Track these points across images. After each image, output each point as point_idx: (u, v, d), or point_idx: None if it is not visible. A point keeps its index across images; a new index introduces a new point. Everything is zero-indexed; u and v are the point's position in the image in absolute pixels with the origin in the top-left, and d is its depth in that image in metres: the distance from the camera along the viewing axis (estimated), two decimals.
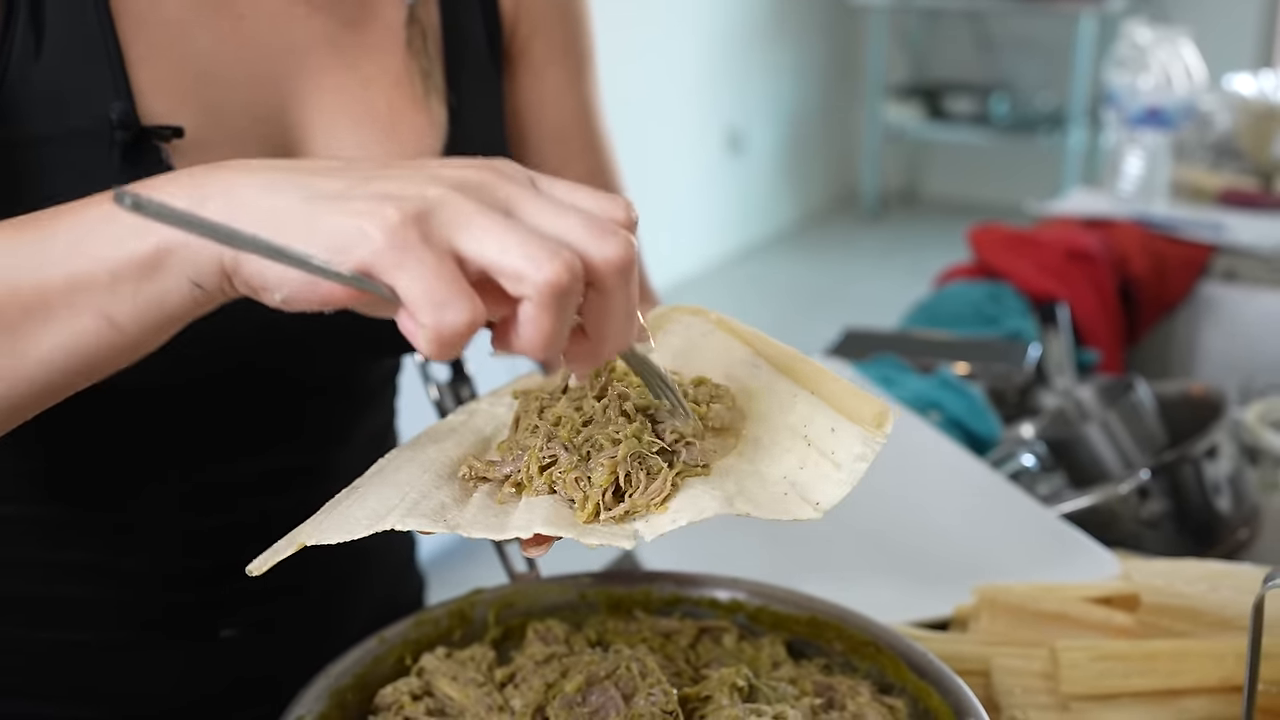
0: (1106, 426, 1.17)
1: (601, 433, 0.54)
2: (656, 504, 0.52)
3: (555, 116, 0.86)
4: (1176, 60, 2.08)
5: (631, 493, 0.52)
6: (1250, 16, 5.23)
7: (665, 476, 0.52)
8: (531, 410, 0.58)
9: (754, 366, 0.60)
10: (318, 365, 0.80)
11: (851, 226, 5.86)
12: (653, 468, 0.53)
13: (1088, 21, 5.08)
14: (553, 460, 0.54)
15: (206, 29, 0.70)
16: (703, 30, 4.97)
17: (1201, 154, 2.30)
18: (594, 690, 0.65)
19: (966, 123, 5.62)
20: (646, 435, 0.54)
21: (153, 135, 0.67)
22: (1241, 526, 1.08)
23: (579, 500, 0.52)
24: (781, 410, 0.57)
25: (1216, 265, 1.87)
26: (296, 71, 0.74)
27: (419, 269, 0.43)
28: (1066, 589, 0.83)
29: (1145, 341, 1.85)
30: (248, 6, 0.72)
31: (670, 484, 0.52)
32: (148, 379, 0.72)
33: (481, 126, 0.81)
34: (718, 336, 0.63)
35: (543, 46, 0.85)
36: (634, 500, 0.52)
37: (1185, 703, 0.75)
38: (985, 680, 0.78)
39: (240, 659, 0.83)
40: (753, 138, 5.43)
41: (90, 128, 0.66)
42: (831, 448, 0.54)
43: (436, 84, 0.78)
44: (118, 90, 0.66)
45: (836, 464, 0.54)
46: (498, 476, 0.55)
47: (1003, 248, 1.69)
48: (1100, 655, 0.76)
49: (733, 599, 0.74)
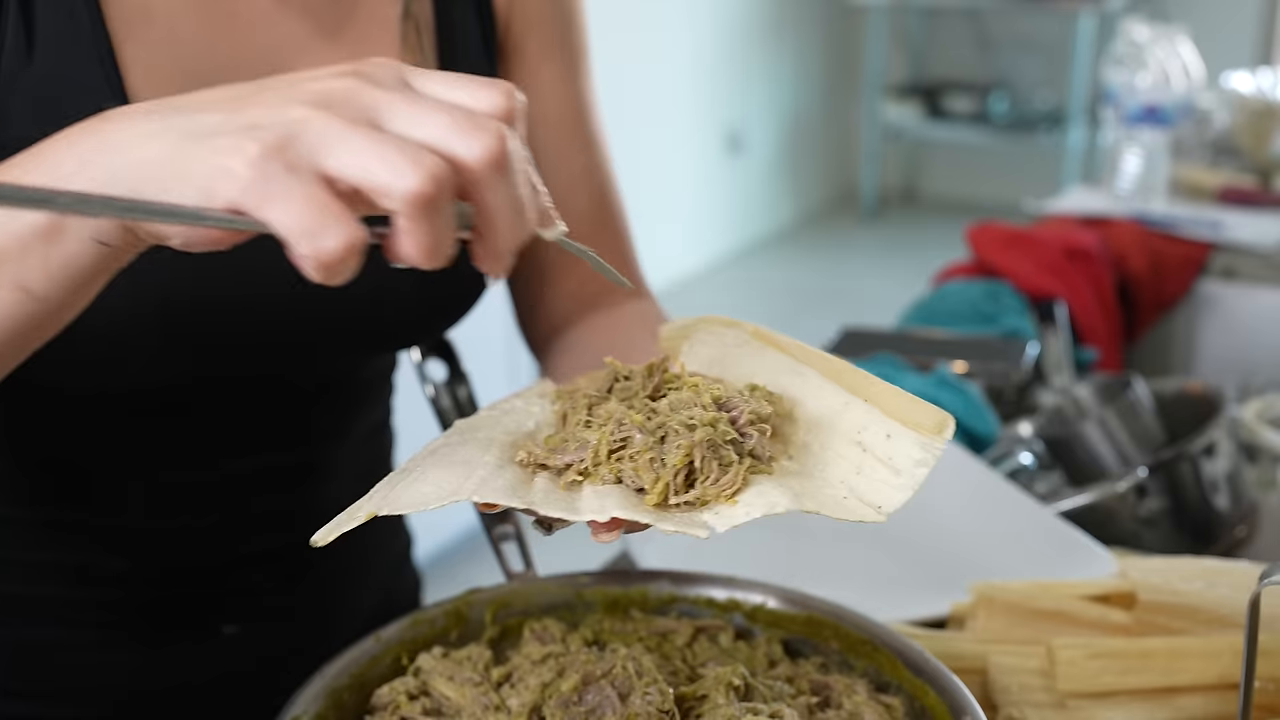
0: (1104, 424, 1.17)
1: (675, 419, 0.54)
2: (727, 496, 0.51)
3: (551, 112, 0.86)
4: (1174, 58, 2.08)
5: (704, 481, 0.52)
6: (1249, 14, 5.23)
7: (737, 470, 0.52)
8: (580, 407, 0.58)
9: (798, 374, 0.59)
10: (316, 364, 0.80)
11: (851, 226, 5.86)
12: (725, 459, 0.52)
13: (1087, 20, 5.08)
14: (623, 444, 0.54)
15: (199, 27, 0.70)
16: (701, 30, 4.97)
17: (1200, 152, 2.30)
18: (590, 689, 0.65)
19: (966, 122, 5.62)
20: (722, 425, 0.54)
21: None
22: (1239, 524, 1.08)
23: (649, 482, 0.52)
24: (833, 417, 0.57)
25: (1215, 263, 1.86)
26: (290, 68, 0.73)
27: (286, 200, 0.43)
28: (1063, 587, 0.83)
29: (1144, 339, 1.85)
30: (241, 4, 0.72)
31: (742, 478, 0.52)
32: (146, 381, 0.73)
33: None
34: (753, 346, 0.62)
35: (537, 43, 0.85)
36: (705, 489, 0.52)
37: (1182, 700, 0.75)
38: (982, 678, 0.78)
39: (238, 657, 0.83)
40: (752, 137, 5.43)
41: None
42: (889, 454, 0.54)
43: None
44: (112, 91, 0.66)
45: (895, 470, 0.53)
46: (558, 464, 0.55)
47: (1001, 246, 1.69)
48: (1097, 653, 0.76)
49: (729, 598, 0.74)
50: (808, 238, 5.68)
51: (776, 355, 0.60)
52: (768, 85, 5.50)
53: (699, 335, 0.64)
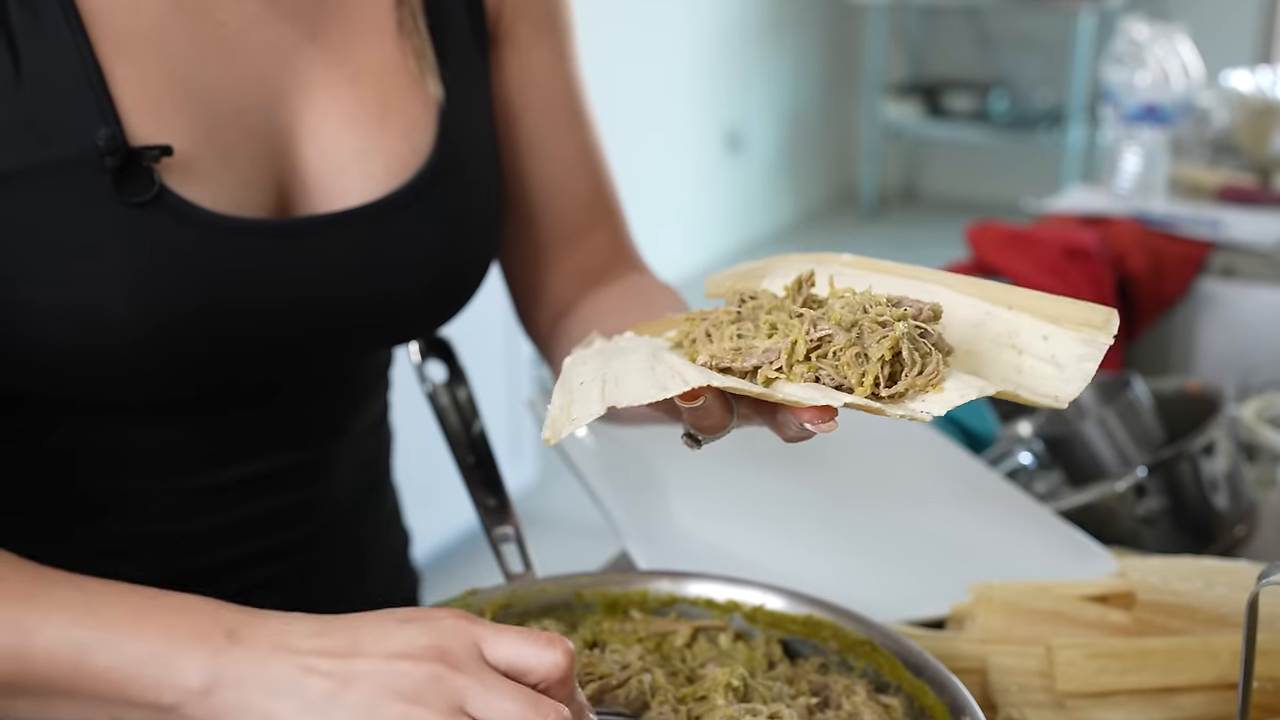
0: (1103, 424, 1.17)
1: (865, 318, 0.53)
2: (934, 385, 0.51)
3: (544, 96, 0.86)
4: (1173, 57, 2.08)
5: (910, 372, 0.52)
6: (1249, 13, 5.23)
7: (938, 358, 0.52)
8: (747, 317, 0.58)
9: (926, 292, 0.58)
10: (316, 364, 0.80)
11: (851, 225, 5.86)
12: (924, 350, 0.52)
13: (1087, 18, 5.08)
14: (820, 343, 0.54)
15: (188, 40, 0.70)
16: (701, 30, 4.97)
17: (1199, 150, 2.30)
18: (604, 702, 0.65)
19: (966, 120, 5.62)
20: (911, 320, 0.53)
21: (142, 157, 0.66)
22: (1239, 523, 1.08)
23: (856, 378, 0.52)
24: (977, 328, 0.56)
25: (1214, 262, 1.86)
26: (282, 72, 0.73)
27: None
28: (1062, 587, 0.83)
29: (1144, 338, 1.85)
30: (227, 12, 0.71)
31: (943, 365, 0.52)
32: (149, 393, 0.73)
33: (469, 108, 0.81)
34: (853, 273, 0.61)
35: (527, 27, 0.85)
36: (912, 379, 0.52)
37: (1181, 700, 0.75)
38: (982, 678, 0.78)
39: None
40: (752, 136, 5.43)
41: (78, 155, 0.65)
42: (1050, 352, 0.53)
43: (431, 62, 0.78)
44: (104, 115, 0.66)
45: (1059, 365, 0.53)
46: (744, 368, 0.55)
47: (1000, 246, 1.69)
48: (1096, 653, 0.76)
49: (728, 598, 0.74)
50: (808, 237, 5.68)
51: (889, 279, 0.60)
52: (768, 84, 5.50)
53: (778, 272, 0.63)
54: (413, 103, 0.77)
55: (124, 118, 0.67)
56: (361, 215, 0.75)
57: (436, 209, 0.77)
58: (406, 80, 0.78)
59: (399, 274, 0.77)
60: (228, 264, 0.70)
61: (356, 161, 0.75)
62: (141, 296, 0.67)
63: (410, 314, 0.80)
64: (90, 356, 0.68)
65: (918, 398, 0.52)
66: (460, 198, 0.79)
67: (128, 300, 0.67)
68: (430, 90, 0.78)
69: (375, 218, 0.75)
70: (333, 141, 0.75)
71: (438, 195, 0.77)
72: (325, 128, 0.75)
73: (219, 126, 0.70)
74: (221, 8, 0.71)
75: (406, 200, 0.76)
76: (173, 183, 0.68)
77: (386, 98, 0.77)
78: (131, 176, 0.66)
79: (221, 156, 0.70)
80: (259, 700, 0.54)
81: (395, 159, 0.76)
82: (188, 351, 0.70)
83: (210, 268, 0.69)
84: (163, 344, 0.69)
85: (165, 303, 0.68)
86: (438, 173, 0.77)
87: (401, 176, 0.76)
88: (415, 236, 0.77)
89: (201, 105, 0.70)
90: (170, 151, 0.67)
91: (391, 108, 0.77)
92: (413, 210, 0.76)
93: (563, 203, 0.88)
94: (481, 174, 0.81)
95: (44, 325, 0.67)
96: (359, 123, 0.75)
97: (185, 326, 0.69)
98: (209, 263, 0.69)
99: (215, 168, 0.70)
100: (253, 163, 0.72)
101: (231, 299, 0.71)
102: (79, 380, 0.70)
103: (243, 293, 0.71)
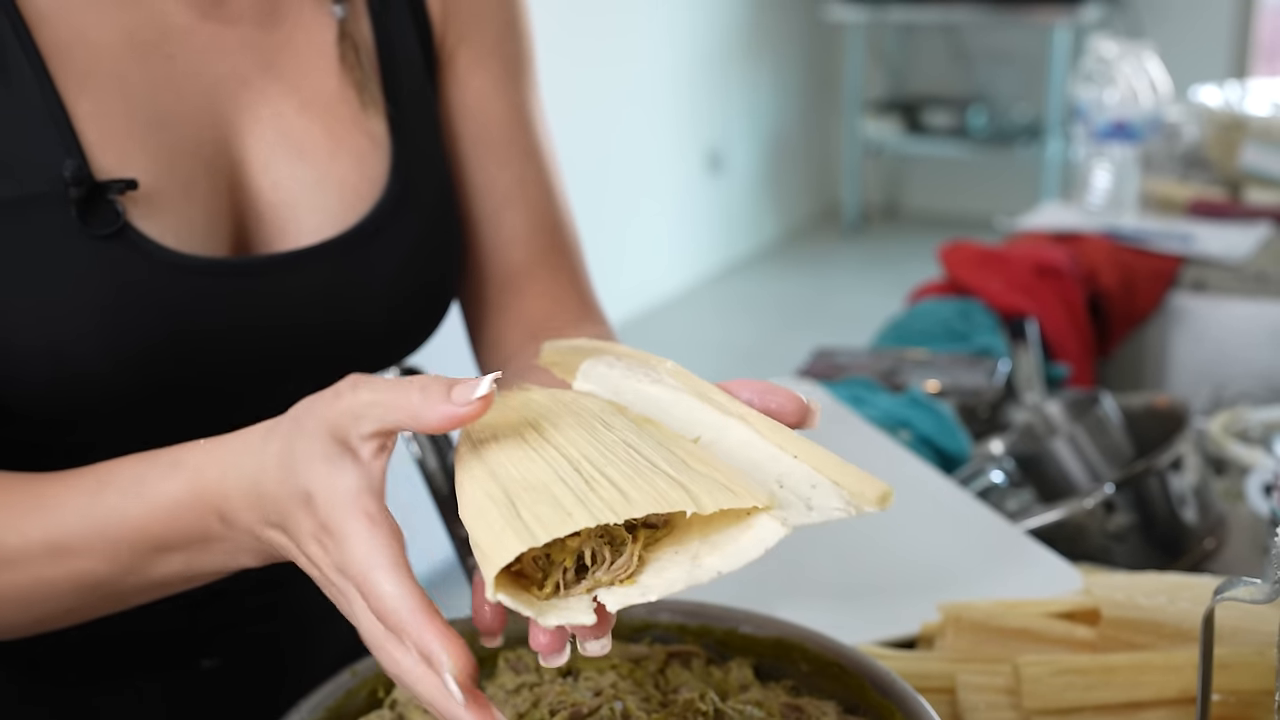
0: (1073, 441, 1.19)
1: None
2: (622, 580, 0.50)
3: (481, 122, 0.84)
4: (1142, 74, 2.11)
5: (595, 570, 0.50)
6: (1223, 29, 5.28)
7: (631, 551, 0.50)
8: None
9: (724, 424, 0.55)
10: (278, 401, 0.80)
11: (833, 242, 5.89)
12: (617, 538, 0.51)
13: (1062, 33, 5.12)
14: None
15: (141, 75, 0.71)
16: (680, 50, 5.00)
17: (1170, 166, 2.33)
18: None
19: (945, 136, 5.66)
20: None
21: (107, 189, 0.67)
22: (1208, 536, 1.09)
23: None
24: (755, 464, 0.53)
25: (1185, 276, 1.88)
26: (232, 104, 0.74)
27: None
28: (1029, 605, 0.85)
29: (1117, 354, 1.87)
30: (177, 45, 0.72)
31: (636, 558, 0.51)
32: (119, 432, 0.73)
33: (422, 137, 0.80)
34: (668, 386, 0.58)
35: (469, 52, 0.83)
36: (597, 578, 0.50)
37: (1145, 715, 0.76)
38: (951, 697, 0.79)
39: (221, 690, 0.84)
40: (733, 156, 5.46)
41: (44, 190, 0.67)
42: (807, 495, 0.52)
43: (374, 96, 0.78)
44: (68, 149, 0.67)
45: (810, 507, 0.51)
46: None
47: (972, 265, 1.71)
48: (1061, 670, 0.77)
49: (701, 624, 0.75)
50: (791, 255, 5.71)
51: (695, 403, 0.57)
52: (747, 104, 5.54)
53: (608, 356, 0.61)
54: (362, 134, 0.78)
55: (88, 151, 0.68)
56: (324, 251, 0.76)
57: (397, 240, 0.78)
58: (358, 110, 0.78)
59: (363, 306, 0.78)
60: (192, 301, 0.71)
61: (309, 194, 0.76)
62: (108, 331, 0.68)
63: (375, 344, 0.81)
64: (61, 392, 0.69)
65: (610, 590, 0.50)
66: (419, 227, 0.79)
67: (96, 335, 0.68)
68: (372, 125, 0.78)
69: (338, 252, 0.76)
70: (284, 174, 0.75)
71: (397, 227, 0.78)
72: (275, 160, 0.75)
73: (177, 160, 0.71)
74: (170, 42, 0.72)
75: (367, 234, 0.77)
76: (135, 217, 0.69)
77: (335, 129, 0.77)
78: (96, 210, 0.67)
79: (181, 190, 0.71)
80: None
81: (349, 190, 0.77)
82: (155, 386, 0.71)
83: (174, 304, 0.70)
84: (131, 379, 0.70)
85: (132, 337, 0.69)
86: (395, 204, 0.77)
87: (357, 208, 0.77)
88: (376, 269, 0.77)
89: (159, 140, 0.71)
90: (135, 185, 0.68)
91: (341, 143, 0.77)
92: (374, 243, 0.77)
93: (496, 240, 0.85)
94: (438, 202, 0.81)
95: (16, 363, 0.67)
96: (308, 155, 0.76)
97: (152, 362, 0.70)
98: (173, 299, 0.70)
99: (175, 201, 0.71)
100: (211, 196, 0.73)
101: (196, 334, 0.71)
102: (50, 418, 0.70)
103: (208, 329, 0.72)
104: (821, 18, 5.76)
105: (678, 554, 0.51)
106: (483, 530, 0.50)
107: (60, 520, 0.61)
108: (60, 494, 0.62)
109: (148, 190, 0.69)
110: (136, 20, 0.71)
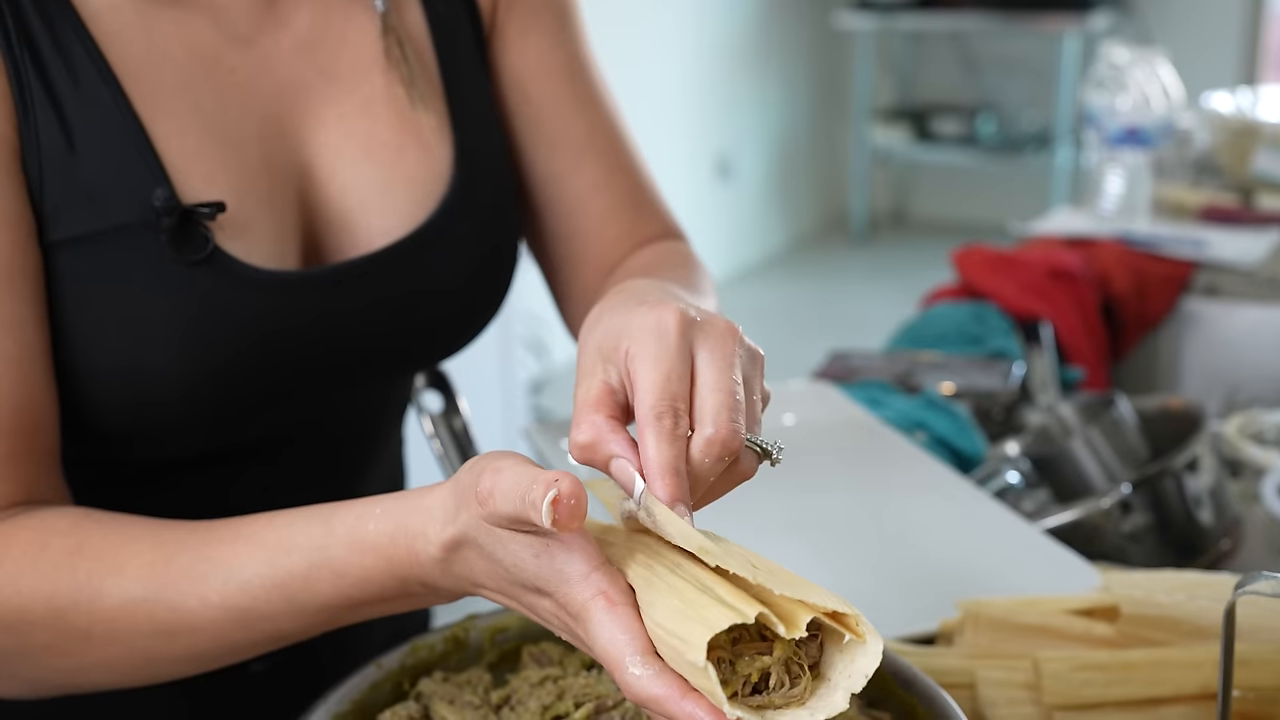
0: (1089, 442, 1.19)
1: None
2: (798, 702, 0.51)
3: (544, 80, 0.84)
4: (1154, 80, 2.11)
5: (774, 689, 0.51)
6: (1231, 36, 5.28)
7: (805, 680, 0.52)
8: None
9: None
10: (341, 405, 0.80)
11: (842, 249, 5.89)
12: (793, 672, 0.52)
13: (1071, 41, 5.13)
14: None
15: (210, 90, 0.70)
16: (689, 58, 5.01)
17: (1182, 171, 2.33)
18: (601, 718, 0.67)
19: (954, 144, 5.66)
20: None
21: (196, 215, 0.66)
22: (1223, 537, 1.10)
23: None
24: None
25: (1198, 281, 1.89)
26: (295, 112, 0.74)
27: None
28: (1048, 602, 0.85)
29: (1130, 358, 1.87)
30: (237, 57, 0.72)
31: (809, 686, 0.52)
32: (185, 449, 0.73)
33: (479, 123, 0.80)
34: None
35: (521, 17, 0.83)
36: (771, 699, 0.51)
37: (1164, 711, 0.77)
38: (971, 693, 0.79)
39: (265, 695, 0.84)
40: (741, 163, 5.46)
41: (136, 219, 0.65)
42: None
43: (421, 91, 0.77)
44: (156, 177, 0.66)
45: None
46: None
47: (986, 268, 1.71)
48: (1081, 666, 0.77)
49: None
50: (799, 262, 5.71)
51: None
52: (756, 111, 5.55)
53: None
54: (421, 129, 0.77)
55: (172, 176, 0.66)
56: (398, 251, 0.75)
57: (466, 233, 0.78)
58: (406, 106, 0.77)
59: (438, 299, 0.78)
60: (277, 316, 0.70)
61: (378, 196, 0.75)
62: (194, 350, 0.67)
63: (448, 331, 0.80)
64: (142, 411, 0.68)
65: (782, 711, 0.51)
66: (484, 216, 0.79)
67: (182, 356, 0.67)
68: (422, 120, 0.77)
69: (412, 251, 0.75)
70: (351, 177, 0.75)
71: (465, 221, 0.77)
72: (342, 164, 0.74)
73: (254, 176, 0.70)
74: (230, 54, 0.71)
75: (437, 229, 0.76)
76: (221, 239, 0.68)
77: (398, 126, 0.76)
78: (186, 236, 0.66)
79: (260, 206, 0.70)
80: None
81: (418, 188, 0.76)
82: (236, 397, 0.71)
83: (260, 320, 0.70)
84: (212, 394, 0.69)
85: (218, 356, 0.68)
86: (460, 198, 0.77)
87: (425, 205, 0.76)
88: (449, 262, 0.77)
89: (237, 156, 0.70)
90: (224, 208, 0.67)
91: (407, 135, 0.76)
92: (443, 238, 0.77)
93: (579, 189, 0.85)
94: (498, 186, 0.81)
95: (97, 385, 0.66)
96: (375, 156, 0.75)
97: (235, 376, 0.69)
98: (259, 315, 0.69)
99: (256, 218, 0.70)
100: (284, 207, 0.72)
101: (279, 347, 0.71)
102: (128, 435, 0.70)
103: (290, 340, 0.71)
104: (830, 25, 5.77)
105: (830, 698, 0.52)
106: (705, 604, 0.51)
107: (243, 587, 0.60)
108: (229, 559, 0.61)
109: (232, 210, 0.68)
110: (197, 33, 0.70)
